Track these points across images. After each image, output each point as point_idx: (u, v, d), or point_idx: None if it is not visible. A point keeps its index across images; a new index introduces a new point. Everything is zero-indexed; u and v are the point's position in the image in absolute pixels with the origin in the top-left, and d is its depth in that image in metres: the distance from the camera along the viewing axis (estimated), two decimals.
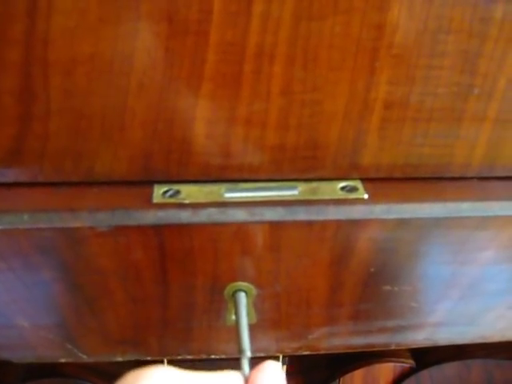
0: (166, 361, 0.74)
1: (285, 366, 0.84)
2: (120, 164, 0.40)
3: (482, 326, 0.47)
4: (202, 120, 0.39)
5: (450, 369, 0.88)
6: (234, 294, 0.41)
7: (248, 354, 0.36)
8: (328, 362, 0.94)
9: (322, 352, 0.47)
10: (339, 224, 0.39)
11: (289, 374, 0.85)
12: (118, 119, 0.38)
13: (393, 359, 0.89)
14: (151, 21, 0.35)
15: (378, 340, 0.47)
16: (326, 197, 0.40)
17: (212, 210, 0.39)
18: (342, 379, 0.89)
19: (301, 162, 0.41)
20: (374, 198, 0.40)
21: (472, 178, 0.43)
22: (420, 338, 0.47)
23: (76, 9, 0.35)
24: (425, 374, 0.88)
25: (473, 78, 0.39)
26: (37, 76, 0.36)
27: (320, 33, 0.36)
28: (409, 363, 0.88)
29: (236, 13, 0.35)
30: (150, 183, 0.41)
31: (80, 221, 0.38)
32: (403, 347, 0.48)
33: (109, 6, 0.35)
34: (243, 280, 0.41)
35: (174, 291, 0.41)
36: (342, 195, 0.40)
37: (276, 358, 0.82)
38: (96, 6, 0.35)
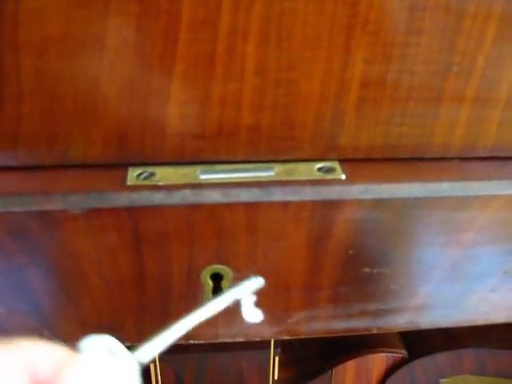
0: None
1: (277, 357, 0.84)
2: (94, 147, 0.40)
3: (464, 309, 0.47)
4: (175, 101, 0.38)
5: (442, 358, 0.88)
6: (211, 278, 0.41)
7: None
8: (320, 352, 0.94)
9: (303, 336, 0.47)
10: (316, 205, 0.39)
11: (281, 365, 0.85)
12: (91, 101, 0.38)
13: (385, 349, 0.89)
14: (122, 0, 0.35)
15: (358, 324, 0.46)
16: (303, 178, 0.40)
17: (186, 192, 0.38)
18: (334, 370, 0.89)
19: (277, 142, 0.40)
20: (351, 179, 0.40)
21: (453, 158, 0.43)
22: (402, 321, 0.47)
23: None
24: (417, 364, 0.88)
25: (451, 55, 0.39)
26: (7, 58, 0.36)
27: (294, 10, 0.36)
28: (401, 353, 0.88)
29: None
30: (125, 166, 0.40)
31: (53, 204, 0.38)
32: (385, 331, 0.48)
33: None
34: (220, 263, 0.41)
35: (150, 275, 0.41)
36: (319, 176, 0.40)
37: (268, 348, 0.82)
38: None
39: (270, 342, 0.82)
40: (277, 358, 0.84)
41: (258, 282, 0.36)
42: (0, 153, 0.39)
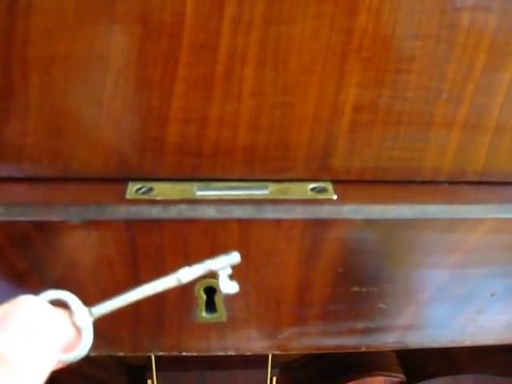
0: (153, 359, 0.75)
1: (275, 378, 0.85)
2: (96, 161, 0.42)
3: (452, 329, 0.48)
4: (175, 120, 0.40)
5: (440, 383, 0.89)
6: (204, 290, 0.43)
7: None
8: (319, 374, 0.95)
9: (294, 352, 0.48)
10: (307, 223, 0.41)
11: None
12: (94, 117, 0.40)
13: (383, 373, 0.90)
14: (126, 22, 0.37)
15: (348, 342, 0.48)
16: (296, 197, 0.42)
17: (182, 207, 0.40)
18: None
19: (272, 162, 0.42)
20: (342, 199, 0.42)
21: (443, 182, 0.44)
22: (390, 340, 0.48)
23: (54, 9, 0.37)
24: None
25: (441, 82, 0.41)
26: (16, 74, 0.39)
27: (290, 36, 0.38)
28: (399, 377, 0.89)
29: (208, 16, 0.37)
30: (125, 180, 0.43)
31: (54, 214, 0.40)
32: (374, 349, 0.49)
33: (85, 7, 0.37)
34: (213, 277, 0.43)
35: None
36: (312, 196, 0.42)
37: (266, 369, 0.83)
38: (73, 7, 0.37)
39: (267, 361, 0.83)
40: (274, 379, 0.85)
41: (234, 257, 0.37)
42: (5, 164, 0.41)
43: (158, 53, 0.38)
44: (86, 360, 0.95)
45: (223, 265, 0.37)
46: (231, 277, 0.37)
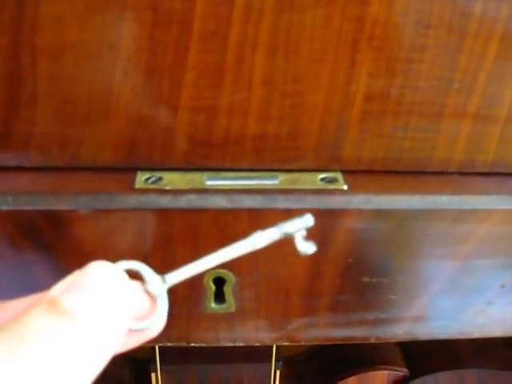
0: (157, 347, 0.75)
1: (278, 371, 0.85)
2: (105, 150, 0.42)
3: (461, 321, 0.48)
4: (185, 108, 0.40)
5: (443, 378, 0.89)
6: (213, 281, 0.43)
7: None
8: (322, 368, 0.95)
9: (302, 343, 0.48)
10: (317, 213, 0.41)
11: (283, 379, 0.86)
12: (104, 105, 0.40)
13: (387, 367, 0.90)
14: (136, 10, 0.37)
15: (357, 333, 0.48)
16: (306, 187, 0.42)
17: (192, 196, 0.40)
18: None
19: (282, 152, 0.42)
20: (353, 189, 0.42)
21: (453, 172, 0.44)
22: (400, 331, 0.48)
23: None
24: (418, 383, 0.89)
25: (453, 72, 0.41)
26: (25, 62, 0.38)
27: (301, 24, 0.38)
28: (403, 371, 0.89)
29: (219, 3, 0.37)
30: (134, 170, 0.42)
31: (63, 203, 0.40)
32: (383, 341, 0.49)
33: None
34: (222, 267, 0.43)
35: None
36: (322, 186, 0.42)
37: (270, 362, 0.83)
38: None
39: (271, 355, 0.83)
40: (278, 372, 0.85)
41: (308, 219, 0.35)
42: (14, 153, 0.41)
43: (168, 40, 0.38)
44: None
45: (298, 227, 0.35)
46: (306, 238, 0.35)
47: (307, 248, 0.34)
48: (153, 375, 0.83)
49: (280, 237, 0.34)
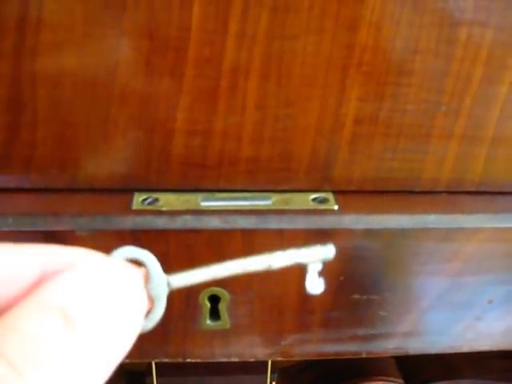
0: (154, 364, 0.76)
1: (274, 383, 0.86)
2: (102, 172, 0.43)
3: (451, 336, 0.50)
4: (180, 131, 0.42)
5: None
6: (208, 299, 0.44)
7: None
8: (317, 379, 0.96)
9: (296, 358, 0.50)
10: (309, 233, 0.42)
11: None
12: (101, 129, 0.41)
13: (382, 378, 0.91)
14: (133, 37, 0.39)
15: (348, 348, 0.49)
16: (298, 207, 0.43)
17: (187, 217, 0.42)
18: None
19: (275, 173, 0.44)
20: (343, 209, 0.43)
21: (441, 192, 0.46)
22: (391, 346, 0.49)
23: (63, 25, 0.38)
24: None
25: (440, 95, 0.42)
26: (25, 87, 0.40)
27: (292, 51, 0.40)
28: (398, 382, 0.90)
29: (213, 31, 0.39)
30: (131, 191, 0.44)
31: (62, 225, 0.41)
32: (374, 355, 0.50)
33: (93, 22, 0.38)
34: (217, 285, 0.44)
35: None
36: (314, 206, 0.43)
37: (265, 374, 0.84)
38: (81, 23, 0.38)
39: (267, 366, 0.83)
40: None
41: (329, 251, 0.32)
42: (14, 175, 0.43)
43: (163, 67, 0.40)
44: None
45: (317, 258, 0.32)
46: (320, 273, 0.32)
47: (316, 287, 0.32)
48: None
49: (295, 264, 0.32)
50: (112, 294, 0.26)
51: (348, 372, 0.93)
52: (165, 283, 0.30)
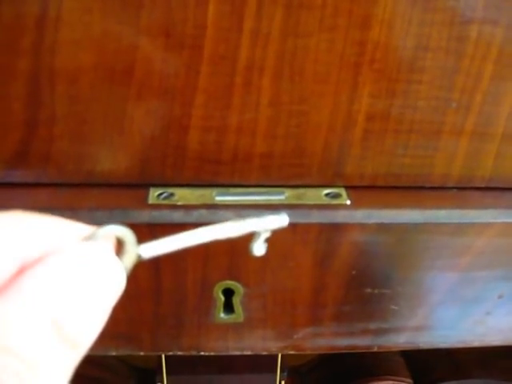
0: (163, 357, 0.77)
1: (283, 382, 0.86)
2: (119, 167, 0.44)
3: (461, 330, 0.50)
4: (195, 128, 0.43)
5: None
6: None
7: None
8: (327, 379, 0.96)
9: (308, 352, 0.50)
10: (322, 227, 0.43)
11: None
12: (118, 125, 0.42)
13: (391, 377, 0.91)
14: (150, 35, 0.40)
15: (360, 342, 0.50)
16: (311, 202, 0.44)
17: (203, 212, 0.43)
18: None
19: (288, 169, 0.45)
20: (356, 204, 0.44)
21: (451, 187, 0.47)
22: (401, 341, 0.50)
23: (81, 22, 0.39)
24: None
25: (451, 92, 0.43)
26: (44, 84, 0.41)
27: (306, 48, 0.41)
28: (407, 382, 0.90)
29: (228, 28, 0.40)
30: (147, 186, 0.45)
31: (80, 219, 0.42)
32: (385, 349, 0.51)
33: (111, 20, 0.39)
34: (231, 279, 0.45)
35: (166, 288, 0.45)
36: (326, 201, 0.44)
37: (275, 372, 0.85)
38: (99, 21, 0.39)
39: (276, 365, 0.84)
40: (283, 383, 0.86)
41: (282, 220, 0.33)
42: (33, 170, 0.44)
43: (179, 64, 0.41)
44: (96, 363, 0.96)
45: (273, 226, 0.33)
46: (267, 240, 0.33)
47: (259, 250, 0.34)
48: None
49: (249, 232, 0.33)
50: (89, 279, 0.27)
51: (357, 371, 0.94)
52: (137, 256, 0.31)
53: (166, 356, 0.80)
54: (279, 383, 0.86)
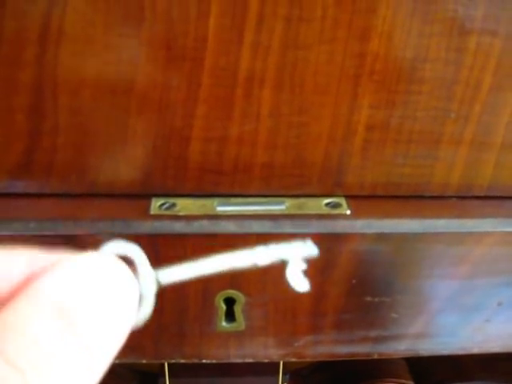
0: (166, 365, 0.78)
1: None
2: (121, 178, 0.45)
3: (461, 338, 0.51)
4: (197, 139, 0.43)
5: None
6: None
7: None
8: (328, 382, 0.97)
9: (308, 359, 0.51)
10: (322, 237, 0.44)
11: None
12: (120, 136, 0.43)
13: (393, 380, 0.92)
14: (151, 48, 0.40)
15: (360, 349, 0.51)
16: (311, 212, 0.45)
17: (204, 222, 0.43)
18: None
19: (288, 179, 0.45)
20: (356, 214, 0.45)
21: (451, 196, 0.47)
22: (402, 348, 0.51)
23: (83, 35, 0.40)
24: None
25: (450, 103, 0.43)
26: (46, 95, 0.41)
27: (306, 60, 0.41)
28: None
29: (229, 41, 0.40)
30: (149, 196, 0.45)
31: (82, 229, 0.43)
32: (386, 357, 0.51)
33: (113, 33, 0.40)
34: (233, 288, 0.45)
35: (168, 297, 0.45)
36: (326, 211, 0.45)
37: (277, 375, 0.85)
38: (101, 34, 0.40)
39: (278, 368, 0.85)
40: None
41: (311, 249, 0.31)
42: (35, 181, 0.44)
43: (181, 76, 0.41)
44: None
45: (299, 254, 0.31)
46: (304, 272, 0.31)
47: (300, 284, 0.31)
48: None
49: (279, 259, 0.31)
50: (106, 289, 0.26)
51: (359, 374, 0.94)
52: (153, 280, 0.30)
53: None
54: None
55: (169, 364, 0.82)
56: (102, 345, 0.26)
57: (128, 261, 0.29)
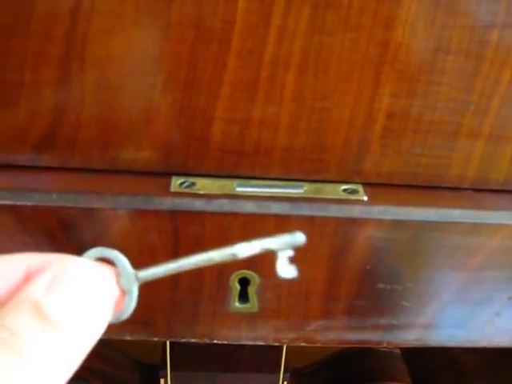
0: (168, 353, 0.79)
1: (286, 382, 0.88)
2: (143, 155, 0.46)
3: (470, 330, 0.52)
4: (219, 119, 0.45)
5: None
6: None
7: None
8: (329, 381, 0.98)
9: (318, 345, 0.52)
10: (339, 221, 0.45)
11: None
12: (144, 114, 0.44)
13: (394, 383, 0.93)
14: (179, 27, 0.42)
15: (370, 337, 0.52)
16: (329, 196, 0.46)
17: (224, 201, 0.45)
18: None
19: (308, 163, 0.47)
20: (372, 200, 0.46)
21: (466, 189, 0.48)
22: (411, 338, 0.52)
23: (114, 12, 0.41)
24: None
25: (469, 95, 0.45)
26: (74, 70, 0.43)
27: (331, 46, 0.42)
28: None
29: (256, 24, 0.42)
30: (169, 175, 0.47)
31: (103, 202, 0.44)
32: (394, 346, 0.53)
33: (143, 11, 0.41)
34: (248, 268, 0.47)
35: (184, 275, 0.46)
36: (344, 196, 0.46)
37: (278, 373, 0.86)
38: (132, 11, 0.41)
39: (280, 365, 0.85)
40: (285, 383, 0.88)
41: (297, 238, 0.34)
42: (59, 155, 0.46)
43: (207, 57, 0.43)
44: (100, 356, 0.98)
45: (284, 246, 0.34)
46: (291, 259, 0.34)
47: (287, 272, 0.34)
48: (162, 381, 0.86)
49: (263, 251, 0.34)
50: (84, 287, 0.31)
51: (359, 376, 0.95)
52: (133, 278, 0.34)
53: (170, 352, 0.81)
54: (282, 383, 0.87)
55: (170, 356, 0.83)
56: (76, 338, 0.29)
57: (111, 263, 0.34)
